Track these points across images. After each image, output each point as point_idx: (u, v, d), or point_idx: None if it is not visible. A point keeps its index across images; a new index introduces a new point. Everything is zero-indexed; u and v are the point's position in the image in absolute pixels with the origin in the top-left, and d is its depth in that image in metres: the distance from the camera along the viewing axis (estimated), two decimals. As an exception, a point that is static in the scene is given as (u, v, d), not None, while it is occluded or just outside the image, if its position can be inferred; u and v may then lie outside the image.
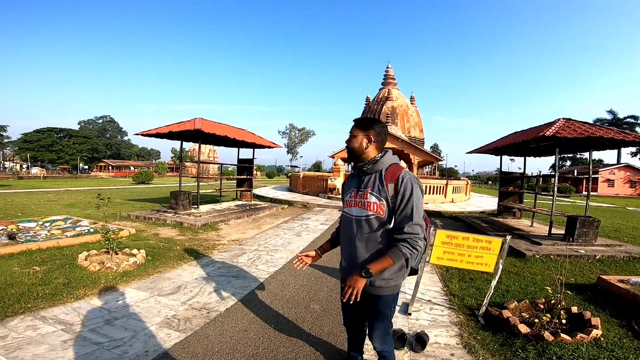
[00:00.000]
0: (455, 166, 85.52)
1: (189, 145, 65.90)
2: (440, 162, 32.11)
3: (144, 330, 2.97)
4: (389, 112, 26.20)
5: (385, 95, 28.17)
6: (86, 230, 6.46)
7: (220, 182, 12.38)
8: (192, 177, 13.18)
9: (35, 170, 51.00)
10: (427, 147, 32.72)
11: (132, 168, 65.87)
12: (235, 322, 3.16)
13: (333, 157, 21.18)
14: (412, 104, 30.21)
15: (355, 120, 1.95)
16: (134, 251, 4.97)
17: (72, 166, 63.08)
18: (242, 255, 5.60)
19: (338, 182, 15.01)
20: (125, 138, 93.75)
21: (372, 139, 1.91)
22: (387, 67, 30.40)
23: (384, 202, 1.82)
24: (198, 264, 5.02)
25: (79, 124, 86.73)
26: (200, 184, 9.41)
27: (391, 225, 1.83)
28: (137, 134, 9.10)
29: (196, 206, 9.42)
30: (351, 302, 1.84)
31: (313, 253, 2.17)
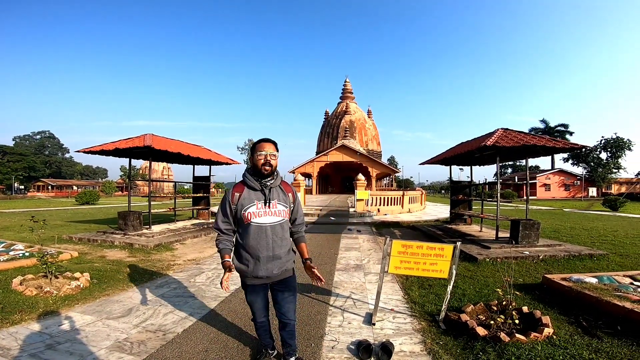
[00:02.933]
0: (411, 177, 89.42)
1: (140, 163, 62.55)
2: (397, 174, 33.35)
3: (92, 354, 2.74)
4: (347, 126, 26.87)
5: (344, 109, 28.90)
6: (21, 254, 5.90)
7: (175, 201, 11.83)
8: (143, 196, 12.48)
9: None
10: (384, 159, 33.83)
11: (75, 188, 60.95)
12: (195, 343, 2.99)
13: (293, 172, 21.20)
14: (369, 117, 31.26)
15: (273, 142, 2.34)
16: (77, 274, 4.58)
17: (7, 186, 57.34)
18: (200, 274, 5.34)
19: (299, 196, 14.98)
20: (67, 155, 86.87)
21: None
22: (345, 82, 31.23)
23: (288, 208, 2.40)
24: (151, 285, 4.71)
25: (13, 139, 79.35)
26: (154, 203, 8.93)
27: (291, 224, 2.48)
28: (78, 151, 8.45)
29: (148, 226, 8.86)
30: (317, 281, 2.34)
31: (230, 273, 2.25)
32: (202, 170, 10.89)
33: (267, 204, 2.29)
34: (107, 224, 11.32)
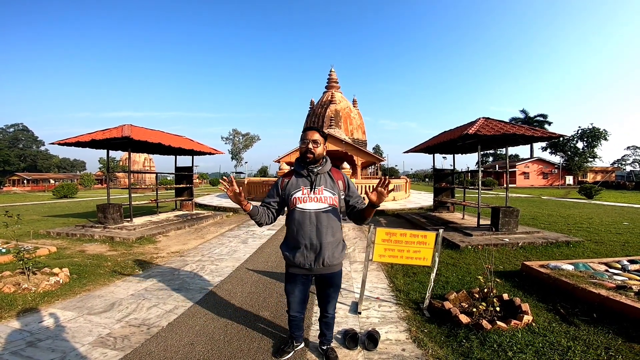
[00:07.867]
0: (396, 166, 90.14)
1: (120, 154, 60.64)
2: (382, 163, 33.59)
3: (75, 350, 2.69)
4: (332, 115, 26.76)
5: (329, 98, 28.69)
6: (-4, 251, 5.65)
7: (157, 192, 11.58)
8: (124, 188, 12.13)
9: None
10: (369, 148, 33.96)
11: (52, 181, 58.87)
12: (180, 337, 2.96)
13: (279, 162, 21.01)
14: (354, 106, 31.10)
15: (318, 130, 2.34)
16: (56, 270, 4.45)
17: (-20, 181, 54.71)
18: (185, 266, 5.27)
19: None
20: (43, 148, 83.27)
21: (325, 147, 2.40)
22: (331, 71, 30.91)
23: (337, 195, 2.36)
24: (134, 279, 4.62)
25: (-15, 134, 75.34)
26: (135, 195, 8.71)
27: (350, 205, 2.44)
28: (53, 143, 8.11)
29: (129, 219, 8.66)
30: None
31: (241, 194, 2.21)
32: (185, 161, 10.65)
33: (313, 189, 2.29)
34: (86, 217, 11.00)
